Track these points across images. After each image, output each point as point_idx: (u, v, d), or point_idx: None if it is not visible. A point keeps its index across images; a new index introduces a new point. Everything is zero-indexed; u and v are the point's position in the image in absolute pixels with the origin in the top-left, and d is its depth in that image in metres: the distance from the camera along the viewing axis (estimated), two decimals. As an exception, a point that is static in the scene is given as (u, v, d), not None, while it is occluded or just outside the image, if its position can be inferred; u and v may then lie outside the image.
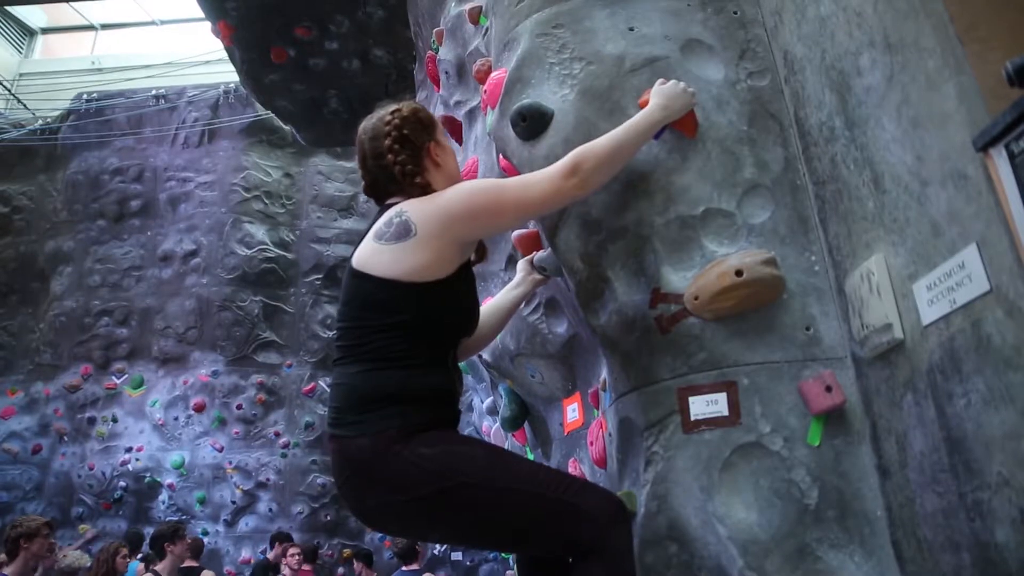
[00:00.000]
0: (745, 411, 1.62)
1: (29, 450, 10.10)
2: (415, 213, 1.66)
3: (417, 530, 1.69)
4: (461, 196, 1.68)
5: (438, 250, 1.64)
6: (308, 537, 9.47)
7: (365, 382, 1.60)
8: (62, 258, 10.73)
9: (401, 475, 1.52)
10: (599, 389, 2.16)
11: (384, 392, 1.57)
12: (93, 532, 9.18)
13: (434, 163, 1.80)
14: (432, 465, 1.53)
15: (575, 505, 1.56)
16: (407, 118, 1.80)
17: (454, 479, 1.53)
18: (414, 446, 1.53)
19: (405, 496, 1.53)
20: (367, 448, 1.53)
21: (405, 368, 1.60)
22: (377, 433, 1.53)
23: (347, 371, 1.64)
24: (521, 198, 1.66)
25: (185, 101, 10.96)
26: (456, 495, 1.54)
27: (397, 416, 1.55)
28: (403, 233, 1.64)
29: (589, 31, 1.98)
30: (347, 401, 1.61)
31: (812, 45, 1.75)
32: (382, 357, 1.60)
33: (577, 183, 1.63)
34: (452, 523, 1.61)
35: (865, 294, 1.49)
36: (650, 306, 1.75)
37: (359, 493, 1.60)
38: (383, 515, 1.65)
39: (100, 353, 10.19)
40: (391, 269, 1.63)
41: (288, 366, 10.25)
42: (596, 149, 1.67)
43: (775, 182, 1.81)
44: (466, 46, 3.04)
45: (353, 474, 1.58)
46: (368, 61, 6.66)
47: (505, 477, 1.57)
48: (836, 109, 1.64)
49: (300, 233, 10.93)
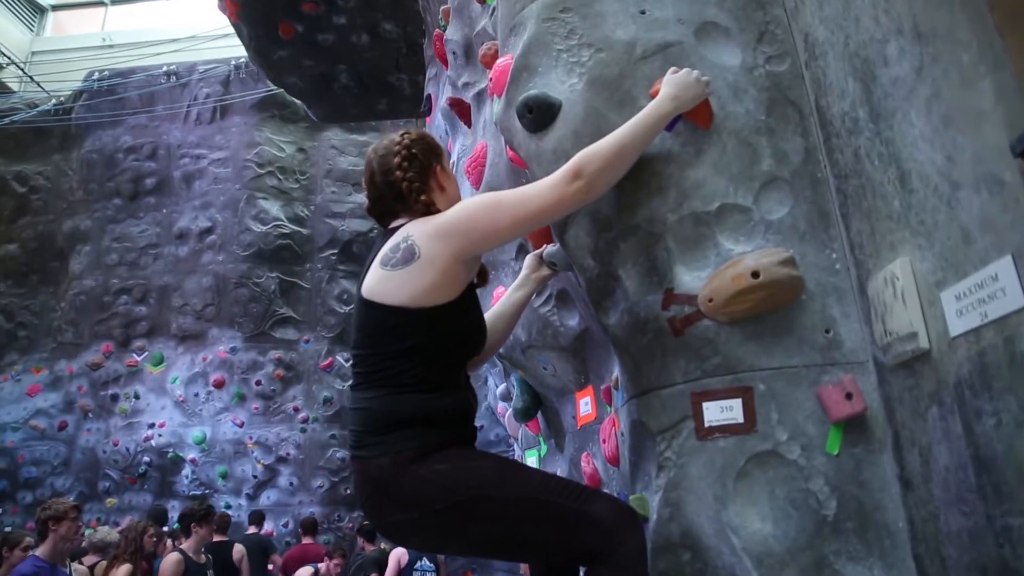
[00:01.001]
0: (761, 418, 1.56)
1: (55, 427, 10.29)
2: (418, 236, 1.67)
3: (435, 544, 1.74)
4: (459, 212, 1.69)
5: (442, 270, 1.65)
6: (328, 511, 9.61)
7: (382, 407, 1.65)
8: (80, 237, 10.80)
9: (416, 492, 1.57)
10: (611, 386, 2.11)
11: (400, 417, 1.62)
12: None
13: (439, 186, 1.83)
14: (446, 480, 1.57)
15: (586, 513, 1.56)
16: (416, 140, 1.85)
17: (467, 492, 1.57)
18: (430, 464, 1.58)
19: (421, 512, 1.58)
20: (386, 467, 1.59)
21: (419, 392, 1.64)
22: (395, 454, 1.59)
23: (364, 396, 1.68)
24: (517, 212, 1.64)
25: (196, 77, 10.88)
26: (469, 508, 1.57)
27: (414, 438, 1.60)
28: (408, 257, 1.65)
29: (598, 15, 1.89)
30: (366, 425, 1.65)
31: (835, 29, 1.65)
32: (396, 383, 1.64)
33: (583, 188, 1.59)
34: (467, 536, 1.64)
35: (889, 299, 1.41)
36: (663, 307, 1.68)
37: (379, 511, 1.65)
38: (402, 531, 1.70)
39: (120, 331, 10.30)
40: (399, 296, 1.65)
41: (305, 341, 10.30)
42: (601, 150, 1.61)
43: (794, 175, 1.72)
44: (473, 26, 2.95)
45: (373, 493, 1.63)
46: (377, 35, 6.54)
47: (516, 488, 1.60)
48: (860, 99, 1.54)
49: (315, 208, 10.91)
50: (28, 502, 10.02)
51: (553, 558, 1.70)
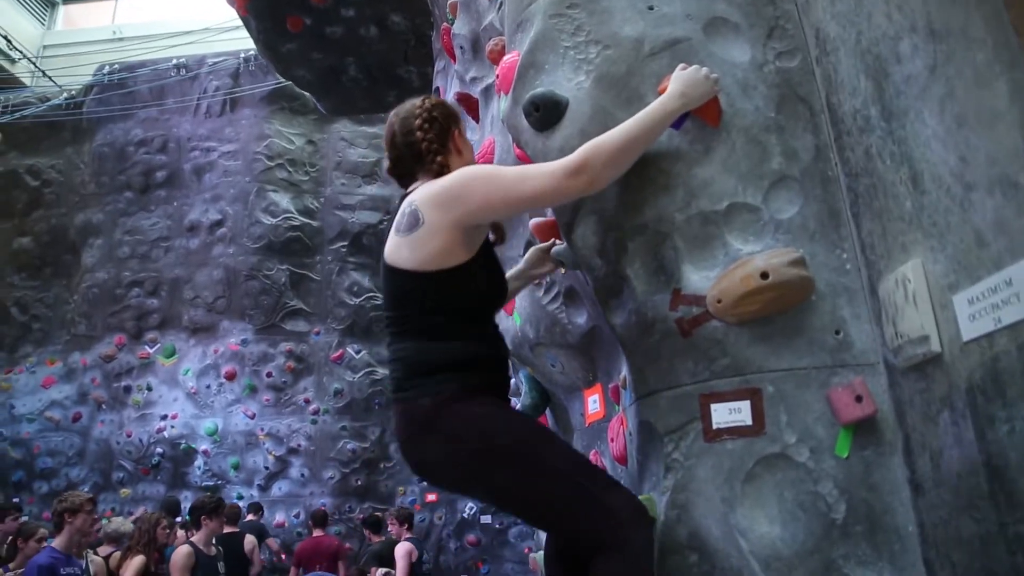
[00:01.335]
0: (770, 420, 1.55)
1: (70, 418, 10.39)
2: (421, 202, 1.70)
3: (463, 484, 1.80)
4: (457, 180, 1.70)
5: (446, 236, 1.68)
6: (340, 501, 9.66)
7: (419, 355, 1.71)
8: (92, 230, 10.87)
9: (455, 429, 1.63)
10: (619, 385, 2.10)
11: (437, 363, 1.68)
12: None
13: (456, 149, 1.88)
14: (484, 423, 1.64)
15: (603, 501, 1.59)
16: (437, 104, 1.91)
17: (502, 439, 1.64)
18: (471, 405, 1.65)
19: (456, 447, 1.64)
20: (428, 407, 1.65)
21: (450, 341, 1.70)
22: (436, 394, 1.65)
23: (400, 347, 1.75)
24: (512, 190, 1.66)
25: (206, 70, 10.89)
26: (501, 455, 1.63)
27: (453, 380, 1.66)
28: (413, 224, 1.69)
29: (606, 11, 1.86)
30: (406, 371, 1.72)
31: (847, 25, 1.62)
32: (428, 335, 1.71)
33: (586, 181, 1.59)
34: (491, 481, 1.68)
35: (900, 301, 1.39)
36: (670, 308, 1.66)
37: (419, 447, 1.70)
38: (436, 468, 1.74)
39: (132, 323, 10.37)
40: (411, 261, 1.70)
41: (316, 333, 10.34)
42: (606, 144, 1.60)
43: (804, 173, 1.70)
44: (480, 20, 2.92)
45: (417, 431, 1.68)
46: (385, 27, 6.51)
47: (548, 454, 1.65)
48: (872, 97, 1.52)
49: (324, 200, 10.91)
50: (44, 492, 10.15)
51: (560, 531, 1.74)
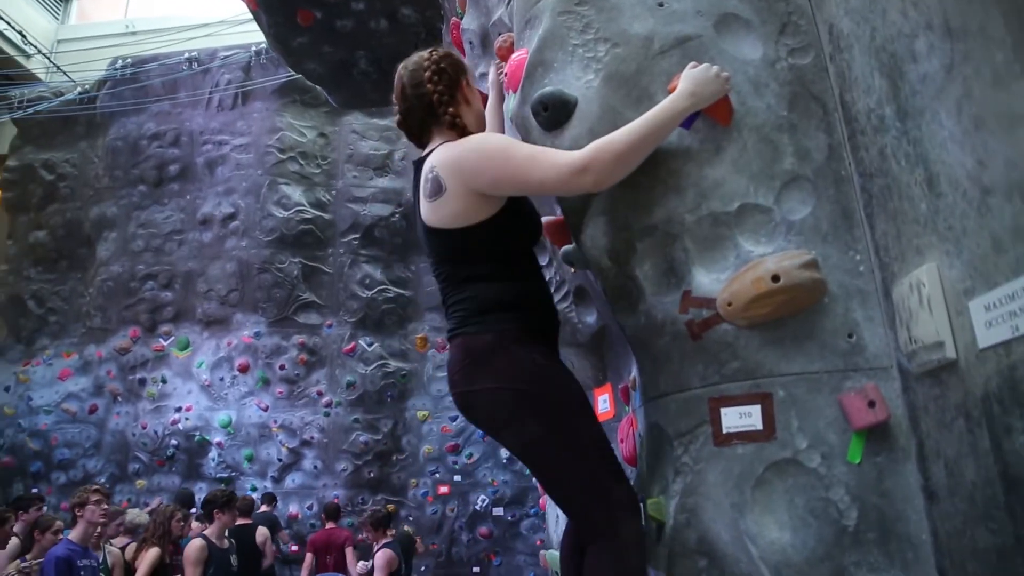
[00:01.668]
0: (780, 425, 1.52)
1: (86, 410, 10.49)
2: (441, 167, 1.76)
3: (498, 424, 1.81)
4: (473, 153, 1.75)
5: (470, 200, 1.74)
6: (352, 493, 9.71)
7: (474, 295, 1.78)
8: (106, 224, 10.93)
9: (509, 367, 1.70)
10: (629, 386, 2.08)
11: (497, 301, 1.75)
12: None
13: (465, 99, 1.93)
14: (537, 370, 1.71)
15: (607, 487, 1.67)
16: (444, 56, 1.94)
17: (547, 391, 1.70)
18: (530, 350, 1.72)
19: (503, 385, 1.70)
20: (490, 342, 1.73)
21: (504, 282, 1.78)
22: (499, 332, 1.73)
23: (458, 295, 1.82)
24: (520, 173, 1.69)
25: (218, 63, 10.90)
26: (539, 405, 1.68)
27: (513, 320, 1.74)
28: (437, 189, 1.76)
29: (615, 8, 1.83)
30: (466, 311, 1.78)
31: (860, 21, 1.59)
32: (483, 279, 1.79)
33: (591, 180, 1.61)
34: (521, 429, 1.72)
35: (914, 306, 1.36)
36: (680, 310, 1.64)
37: (470, 379, 1.75)
38: (480, 401, 1.77)
39: (147, 316, 10.44)
40: (444, 220, 1.77)
41: (328, 326, 10.37)
42: (614, 144, 1.59)
43: (817, 173, 1.67)
44: (490, 15, 2.90)
45: (471, 363, 1.75)
46: (396, 20, 6.49)
47: (580, 423, 1.72)
48: (887, 96, 1.48)
49: (336, 193, 10.91)
50: (62, 482, 10.27)
51: (561, 502, 1.78)
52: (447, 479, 10.03)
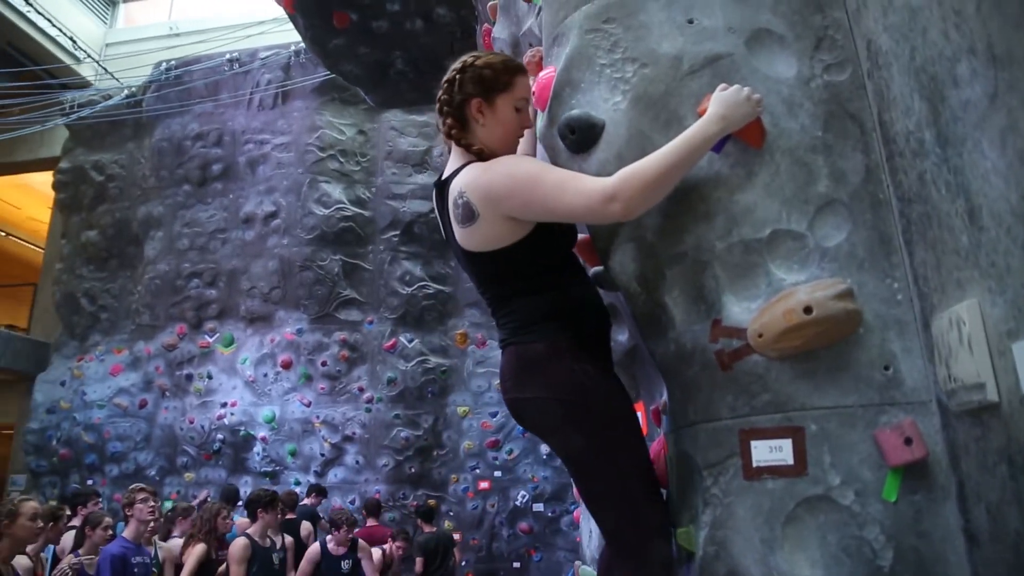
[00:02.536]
0: (812, 460, 1.48)
1: (136, 404, 10.81)
2: (471, 193, 1.73)
3: (546, 430, 1.83)
4: (504, 176, 1.72)
5: (504, 224, 1.73)
6: (394, 489, 9.83)
7: (525, 307, 1.78)
8: (153, 223, 11.21)
9: (560, 377, 1.70)
10: (660, 409, 2.04)
11: (541, 314, 1.76)
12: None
13: (474, 117, 1.84)
14: (588, 382, 1.69)
15: (642, 507, 1.68)
16: (470, 67, 1.85)
17: (595, 405, 1.69)
18: (582, 361, 1.71)
19: (552, 394, 1.70)
20: (543, 350, 1.73)
21: (554, 291, 1.78)
22: (552, 342, 1.73)
23: (509, 309, 1.82)
24: (550, 201, 1.67)
25: (258, 64, 11.06)
26: (586, 419, 1.68)
27: (565, 328, 1.74)
28: (469, 215, 1.74)
29: (643, 26, 1.80)
30: (516, 323, 1.79)
31: (900, 39, 1.52)
32: (532, 291, 1.79)
33: (619, 210, 1.58)
34: (566, 439, 1.74)
35: (954, 343, 1.31)
36: (710, 339, 1.61)
37: (521, 386, 1.77)
38: (530, 408, 1.78)
39: (192, 313, 10.69)
40: (479, 245, 1.77)
41: (369, 323, 10.48)
42: (642, 172, 1.56)
43: (853, 196, 1.61)
44: (520, 24, 2.87)
45: (522, 370, 1.76)
46: (431, 20, 6.49)
47: (625, 440, 1.71)
48: (927, 120, 1.42)
49: (376, 190, 11.00)
50: (115, 475, 10.62)
51: (596, 515, 1.76)
52: (487, 475, 10.08)
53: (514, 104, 1.84)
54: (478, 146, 1.81)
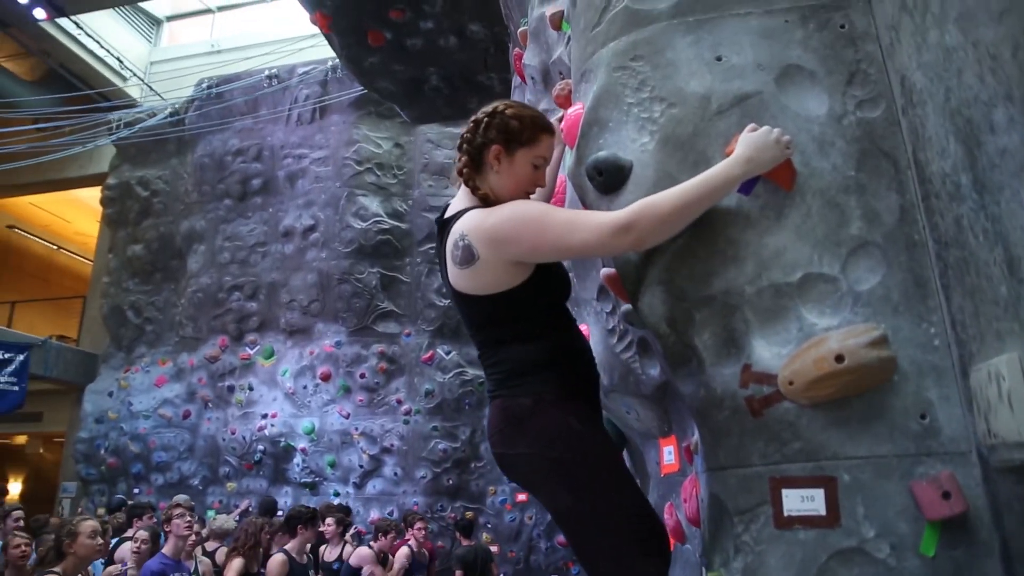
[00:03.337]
0: (845, 511, 1.45)
1: (180, 415, 11.05)
2: (473, 236, 1.72)
3: (533, 484, 1.83)
4: (507, 222, 1.70)
5: (503, 269, 1.73)
6: (431, 500, 9.87)
7: (510, 357, 1.78)
8: (195, 237, 11.47)
9: (545, 431, 1.70)
10: (692, 448, 2.02)
11: (528, 363, 1.75)
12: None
13: (491, 164, 1.84)
14: (573, 438, 1.69)
15: (634, 565, 1.66)
16: (496, 115, 1.85)
17: (581, 462, 1.68)
18: (566, 414, 1.71)
19: (540, 449, 1.70)
20: (527, 406, 1.72)
21: (541, 340, 1.78)
22: (537, 394, 1.72)
23: (496, 356, 1.82)
24: (561, 240, 1.65)
25: (296, 80, 11.25)
26: (573, 475, 1.68)
27: (550, 381, 1.73)
28: (469, 258, 1.73)
29: (671, 64, 1.78)
30: (507, 372, 1.78)
31: (934, 78, 1.48)
32: (520, 340, 1.78)
33: (632, 241, 1.58)
34: (553, 494, 1.74)
35: (993, 398, 1.27)
36: (740, 384, 1.58)
37: (508, 442, 1.76)
38: (518, 464, 1.79)
39: (234, 326, 10.90)
40: (477, 288, 1.76)
41: (407, 335, 10.56)
42: (659, 206, 1.55)
43: (887, 238, 1.57)
44: (550, 52, 2.87)
45: (508, 426, 1.75)
46: (465, 37, 6.55)
47: (613, 496, 1.70)
48: (963, 163, 1.38)
49: (412, 203, 11.11)
50: (160, 484, 10.87)
51: (585, 568, 1.75)
52: (524, 487, 10.06)
53: (532, 160, 1.85)
54: (484, 191, 1.83)
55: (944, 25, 1.42)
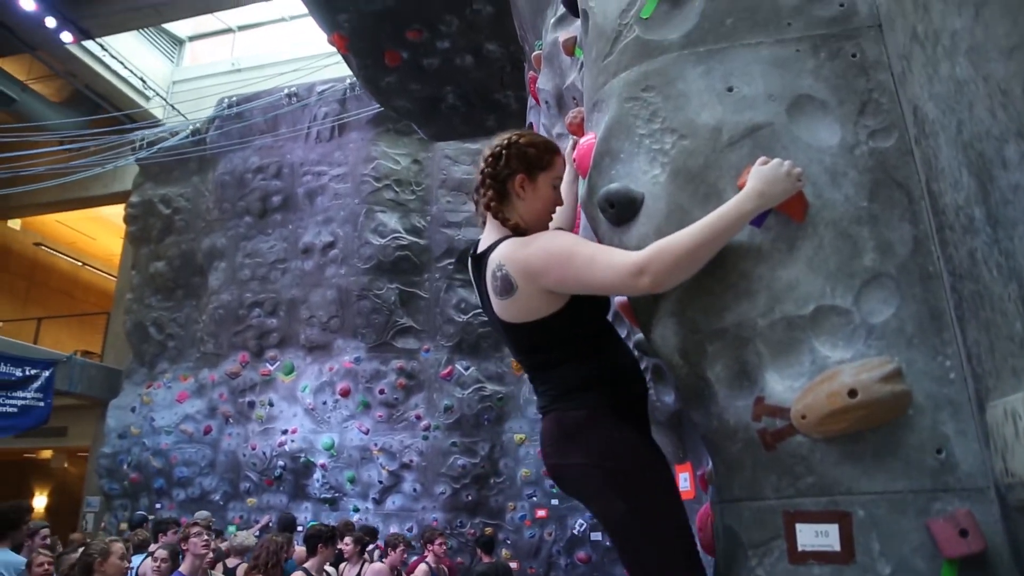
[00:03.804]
0: (860, 548, 1.43)
1: (202, 431, 11.15)
2: (510, 267, 1.77)
3: (586, 496, 1.84)
4: (540, 254, 1.75)
5: (542, 297, 1.77)
6: (451, 516, 9.86)
7: (564, 374, 1.82)
8: (216, 254, 11.60)
9: (599, 443, 1.72)
10: (706, 477, 2.01)
11: (582, 379, 1.79)
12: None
13: (516, 193, 1.90)
14: (626, 450, 1.72)
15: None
16: (514, 144, 1.92)
17: (634, 473, 1.71)
18: (621, 428, 1.75)
19: (593, 461, 1.72)
20: (582, 418, 1.76)
21: (583, 362, 1.81)
22: (592, 408, 1.76)
23: (548, 375, 1.86)
24: (583, 275, 1.69)
25: (315, 98, 11.39)
26: (625, 486, 1.70)
27: (604, 395, 1.77)
28: (507, 288, 1.78)
29: (682, 95, 1.79)
30: (561, 389, 1.81)
31: (946, 110, 1.48)
32: (560, 363, 1.82)
33: (648, 284, 1.59)
34: (606, 505, 1.75)
35: (1010, 436, 1.25)
36: (753, 417, 1.58)
37: (561, 453, 1.79)
38: (570, 474, 1.81)
39: (254, 342, 10.99)
40: (517, 317, 1.81)
41: (426, 351, 10.59)
42: (673, 247, 1.57)
43: (901, 269, 1.56)
44: (564, 77, 2.89)
45: (563, 437, 1.78)
46: (481, 56, 6.60)
47: (663, 508, 1.72)
48: (976, 197, 1.38)
49: (431, 219, 11.16)
50: (181, 499, 10.96)
51: None
52: (544, 503, 10.02)
53: (552, 182, 1.93)
54: (514, 221, 1.88)
55: (955, 57, 1.41)
